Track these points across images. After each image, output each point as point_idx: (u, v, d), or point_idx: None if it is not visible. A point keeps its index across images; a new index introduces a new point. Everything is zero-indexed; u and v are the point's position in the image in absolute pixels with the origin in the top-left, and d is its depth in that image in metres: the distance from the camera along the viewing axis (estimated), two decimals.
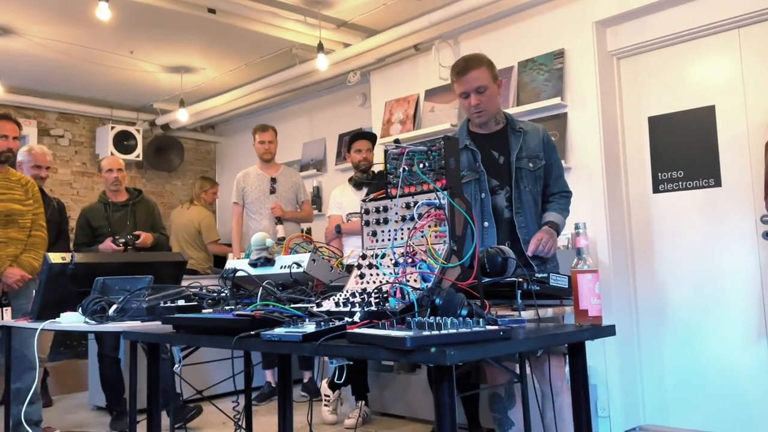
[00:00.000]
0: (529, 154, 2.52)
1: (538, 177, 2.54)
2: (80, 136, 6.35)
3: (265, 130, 4.66)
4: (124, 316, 2.14)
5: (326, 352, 1.34)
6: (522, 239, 2.46)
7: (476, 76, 2.44)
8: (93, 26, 4.37)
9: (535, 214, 2.51)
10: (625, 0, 3.58)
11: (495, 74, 2.51)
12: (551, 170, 2.58)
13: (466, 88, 2.47)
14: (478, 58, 2.50)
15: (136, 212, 4.26)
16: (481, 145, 2.56)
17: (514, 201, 2.49)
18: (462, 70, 2.47)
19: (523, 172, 2.51)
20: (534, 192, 2.52)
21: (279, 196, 4.60)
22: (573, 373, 1.56)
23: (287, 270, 2.10)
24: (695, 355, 3.45)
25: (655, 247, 3.63)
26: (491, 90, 2.47)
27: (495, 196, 2.52)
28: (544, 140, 2.56)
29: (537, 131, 2.58)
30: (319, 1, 4.19)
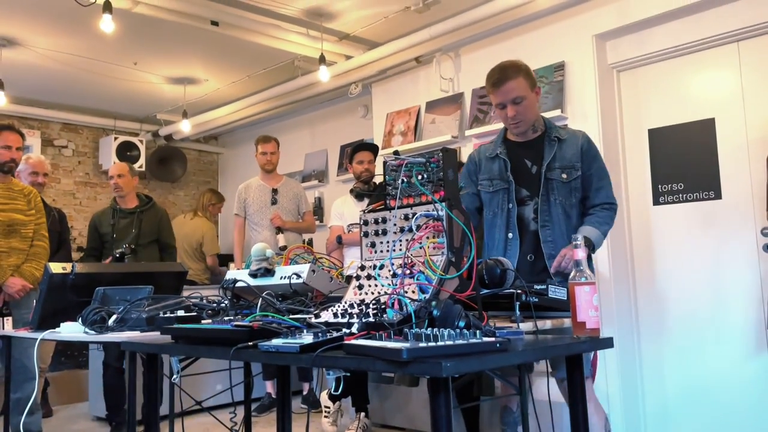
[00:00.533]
0: (563, 165, 2.37)
1: (574, 189, 2.38)
2: (83, 146, 6.38)
3: (267, 141, 4.68)
4: (124, 326, 2.15)
5: (323, 364, 1.34)
6: (547, 254, 2.32)
7: (512, 87, 2.32)
8: (97, 38, 4.41)
9: (566, 227, 2.35)
10: (624, 13, 3.60)
11: (533, 82, 2.38)
12: (591, 181, 2.39)
13: (501, 99, 2.35)
14: (514, 67, 2.36)
15: (142, 220, 4.23)
16: (515, 154, 2.45)
17: (541, 213, 2.36)
18: (497, 81, 2.34)
19: (555, 183, 2.36)
20: (567, 204, 2.37)
21: (280, 206, 4.61)
22: (571, 386, 1.56)
23: (287, 281, 2.11)
24: (696, 367, 3.43)
25: (655, 259, 3.63)
26: (529, 100, 2.35)
27: (523, 207, 2.40)
28: (582, 149, 2.39)
29: (575, 139, 2.42)
30: (321, 14, 4.23)
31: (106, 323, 2.16)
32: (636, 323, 3.66)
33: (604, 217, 2.38)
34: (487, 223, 2.50)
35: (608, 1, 3.66)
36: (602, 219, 2.37)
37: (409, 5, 4.09)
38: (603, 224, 2.36)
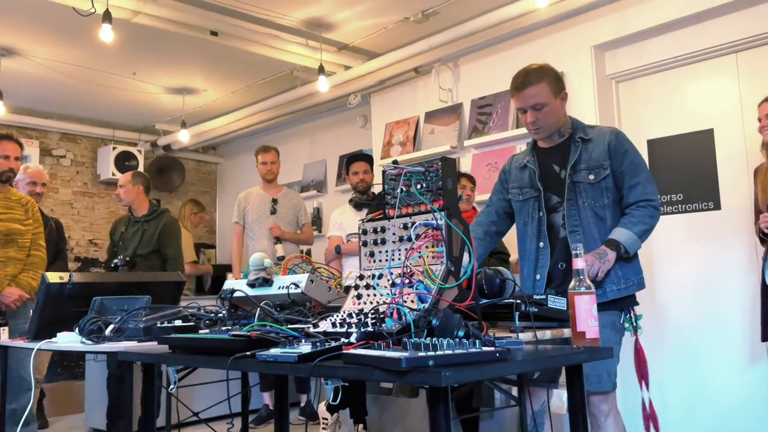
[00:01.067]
0: (589, 165, 2.26)
1: (605, 189, 2.25)
2: (82, 156, 6.38)
3: (267, 151, 4.68)
4: (121, 336, 2.13)
5: (321, 373, 1.33)
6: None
7: (534, 93, 2.24)
8: (96, 48, 4.42)
9: (598, 231, 2.23)
10: (623, 24, 3.62)
11: (558, 88, 2.29)
12: (623, 178, 2.24)
13: (522, 104, 2.29)
14: (539, 72, 2.27)
15: (145, 230, 4.20)
16: (544, 161, 2.38)
17: (569, 218, 2.26)
18: (520, 85, 2.28)
19: (582, 186, 2.26)
20: (597, 207, 2.24)
21: (279, 217, 4.60)
22: (571, 396, 1.54)
23: (285, 291, 2.10)
24: (694, 377, 3.42)
25: (654, 269, 3.62)
26: (551, 106, 2.27)
27: (554, 214, 2.32)
28: (610, 146, 2.26)
29: (603, 137, 2.30)
30: (320, 24, 4.24)
31: (103, 333, 2.15)
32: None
33: (640, 216, 2.21)
34: (519, 233, 2.43)
35: (607, 12, 3.68)
36: (637, 218, 2.21)
37: (408, 16, 4.11)
38: (637, 224, 2.19)
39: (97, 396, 4.07)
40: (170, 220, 4.31)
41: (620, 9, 3.62)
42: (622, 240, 2.17)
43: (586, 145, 2.29)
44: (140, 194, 4.30)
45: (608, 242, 2.18)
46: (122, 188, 4.27)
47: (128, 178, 4.33)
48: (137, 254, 4.14)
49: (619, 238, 2.17)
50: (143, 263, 4.14)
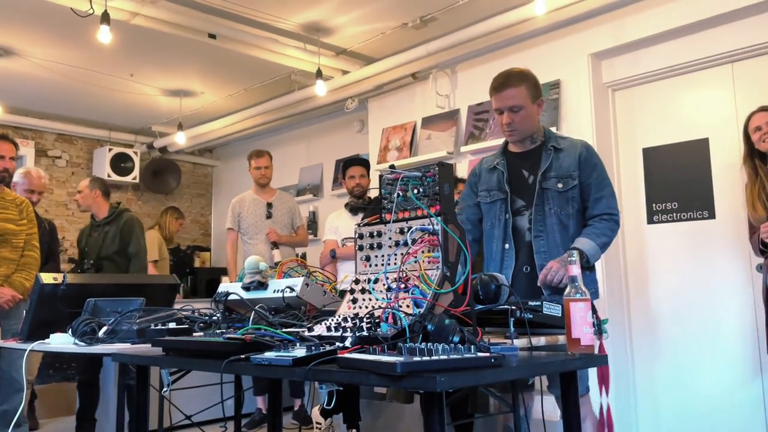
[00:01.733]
0: (559, 174, 2.34)
1: (571, 198, 2.33)
2: (77, 157, 6.36)
3: (261, 155, 4.67)
4: (114, 338, 2.12)
5: (316, 377, 1.32)
6: (539, 265, 2.29)
7: (512, 94, 2.31)
8: (94, 49, 4.41)
9: (561, 238, 2.31)
10: (620, 33, 3.64)
11: (536, 93, 2.36)
12: (590, 190, 2.34)
13: (499, 105, 2.35)
14: (519, 75, 2.34)
15: (107, 232, 4.21)
16: (513, 164, 2.44)
17: (535, 223, 2.33)
18: (499, 86, 2.34)
19: (550, 193, 2.33)
20: (563, 215, 2.33)
21: (275, 220, 4.59)
22: (565, 403, 1.54)
23: (280, 294, 2.09)
24: (689, 387, 3.42)
25: (649, 278, 3.63)
26: (527, 110, 2.33)
27: (519, 217, 2.38)
28: (581, 158, 2.35)
29: (574, 148, 2.38)
30: (318, 28, 4.25)
31: (97, 335, 2.14)
32: (629, 342, 3.65)
33: (603, 228, 2.30)
34: (486, 235, 2.49)
35: (604, 20, 3.70)
36: (600, 230, 2.29)
37: (406, 22, 4.12)
38: (600, 236, 2.28)
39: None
40: (129, 218, 4.34)
41: (617, 18, 3.64)
42: (585, 249, 2.23)
43: (558, 155, 2.37)
44: (98, 198, 4.31)
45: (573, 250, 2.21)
46: (80, 194, 4.31)
47: (86, 183, 4.35)
48: (101, 257, 4.15)
49: (584, 248, 2.24)
50: (109, 265, 4.15)
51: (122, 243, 4.20)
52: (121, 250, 4.20)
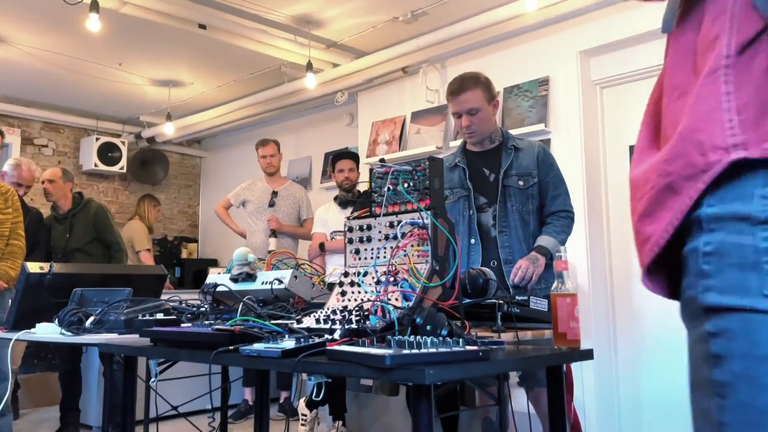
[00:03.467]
0: (520, 172, 2.48)
1: (531, 195, 2.48)
2: (64, 146, 6.30)
3: (266, 144, 4.69)
4: (102, 328, 2.12)
5: (305, 369, 1.33)
6: (503, 259, 2.43)
7: (469, 98, 2.44)
8: (82, 37, 4.37)
9: (523, 233, 2.46)
10: (609, 31, 3.66)
11: (491, 95, 2.48)
12: (547, 188, 2.50)
13: (458, 108, 2.47)
14: (473, 79, 2.46)
15: (73, 225, 4.16)
16: (474, 163, 2.56)
17: (499, 219, 2.46)
18: (456, 90, 2.46)
19: (511, 190, 2.47)
20: (524, 211, 2.47)
21: (278, 209, 4.60)
22: (550, 396, 1.57)
23: (268, 286, 2.10)
24: (671, 380, 3.47)
25: (634, 273, 3.67)
26: (484, 112, 2.46)
27: (482, 214, 2.51)
28: (539, 158, 2.50)
29: (532, 148, 2.53)
30: (309, 21, 4.24)
31: (83, 325, 2.13)
32: (614, 336, 3.69)
33: (561, 225, 2.47)
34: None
35: (593, 18, 3.72)
36: (559, 228, 2.46)
37: (397, 16, 4.12)
38: (560, 233, 2.45)
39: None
40: (99, 207, 4.33)
41: (607, 16, 3.66)
42: (549, 246, 2.39)
43: (518, 154, 2.50)
44: (68, 192, 4.30)
45: (538, 248, 2.40)
46: (52, 183, 4.21)
47: (59, 173, 4.29)
48: (71, 249, 4.11)
49: (547, 245, 2.40)
50: (83, 256, 4.12)
51: (97, 232, 4.18)
52: (95, 239, 4.17)
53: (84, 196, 4.40)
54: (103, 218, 4.25)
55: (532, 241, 2.45)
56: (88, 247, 4.16)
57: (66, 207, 4.24)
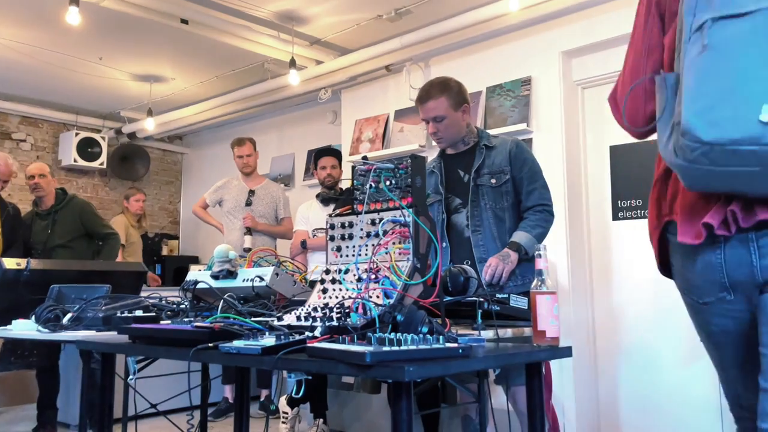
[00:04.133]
0: (492, 170, 2.49)
1: (504, 193, 2.48)
2: (43, 141, 6.21)
3: (242, 143, 4.64)
4: (79, 325, 2.10)
5: (285, 366, 1.33)
6: (477, 258, 2.45)
7: (433, 106, 2.46)
8: (62, 30, 4.31)
9: (498, 231, 2.46)
10: (590, 32, 3.69)
11: (458, 101, 2.47)
12: (522, 184, 2.48)
13: (424, 116, 2.51)
14: (440, 87, 2.47)
15: (56, 221, 4.11)
16: (449, 166, 2.59)
17: (472, 219, 2.48)
18: (422, 97, 2.48)
19: (484, 189, 2.49)
20: (497, 209, 2.47)
21: (254, 209, 4.57)
22: (529, 394, 1.58)
23: (249, 283, 2.09)
24: (650, 378, 3.51)
25: (613, 272, 3.71)
26: (450, 119, 2.47)
27: (457, 215, 2.54)
28: (511, 154, 2.49)
29: (505, 145, 2.53)
30: (292, 17, 4.22)
31: (61, 321, 2.11)
32: (593, 334, 3.73)
33: (537, 220, 2.44)
34: None
35: (575, 19, 3.74)
36: (535, 222, 2.43)
37: (381, 14, 4.12)
38: (535, 227, 2.42)
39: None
40: (84, 202, 4.33)
41: (589, 17, 3.69)
42: (522, 242, 2.38)
43: (490, 152, 2.52)
44: (54, 186, 4.28)
45: (510, 244, 2.39)
46: (43, 178, 4.17)
47: (47, 168, 4.26)
48: (52, 246, 4.07)
49: (520, 240, 2.38)
50: (65, 252, 4.07)
51: (84, 228, 4.15)
52: (81, 235, 4.14)
53: (67, 192, 4.35)
54: (90, 213, 4.25)
55: (508, 237, 2.45)
56: (72, 243, 4.12)
57: (49, 203, 4.19)
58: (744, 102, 1.02)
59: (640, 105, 1.40)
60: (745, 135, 1.02)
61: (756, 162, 1.04)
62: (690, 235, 1.24)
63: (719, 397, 3.28)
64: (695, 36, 1.08)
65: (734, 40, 1.04)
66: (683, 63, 1.10)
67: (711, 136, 1.04)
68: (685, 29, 1.11)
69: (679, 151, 1.10)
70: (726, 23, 1.05)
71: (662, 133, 1.17)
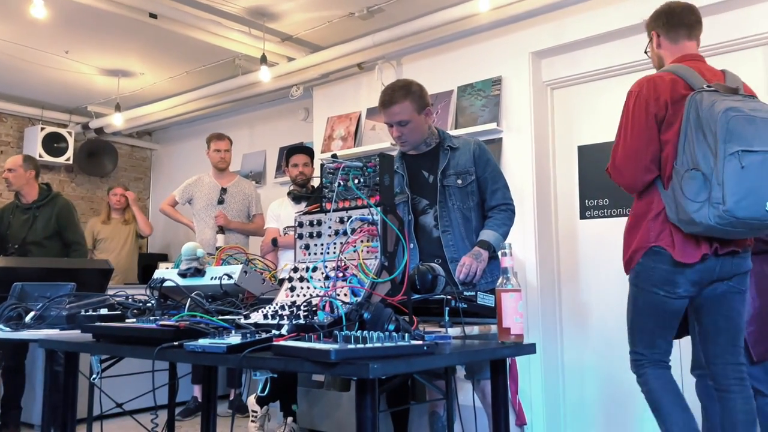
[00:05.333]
0: (457, 171, 2.53)
1: (470, 193, 2.53)
2: (7, 135, 6.07)
3: (221, 138, 4.61)
4: (42, 323, 2.06)
5: (251, 364, 1.33)
6: (449, 257, 2.48)
7: (397, 110, 2.47)
8: (27, 23, 4.21)
9: (466, 231, 2.51)
10: (560, 33, 3.74)
11: (421, 104, 2.49)
12: (486, 184, 2.55)
13: (388, 120, 2.52)
14: (403, 91, 2.48)
15: (37, 216, 4.04)
16: (412, 167, 2.60)
17: (441, 219, 2.51)
18: (386, 102, 2.48)
19: (451, 190, 2.52)
20: (464, 208, 2.52)
21: (227, 207, 4.53)
22: (494, 389, 1.60)
23: (217, 281, 2.07)
24: (614, 374, 3.58)
25: (580, 270, 3.77)
26: (414, 122, 2.49)
27: (424, 216, 2.55)
28: (475, 155, 2.55)
29: (468, 146, 2.57)
30: (264, 13, 4.19)
31: (23, 320, 2.07)
32: (560, 331, 3.78)
33: (502, 218, 2.53)
34: None
35: (545, 20, 3.79)
36: (500, 221, 2.52)
37: (353, 11, 4.12)
38: (501, 226, 2.51)
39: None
40: (65, 203, 4.24)
41: (558, 18, 3.74)
42: (491, 240, 2.45)
43: (454, 153, 2.56)
44: (31, 179, 4.17)
45: (480, 243, 2.45)
46: (12, 172, 4.09)
47: (19, 161, 4.16)
48: (29, 242, 4.00)
49: (489, 239, 2.45)
50: (38, 250, 4.01)
51: (57, 227, 4.08)
52: (54, 234, 4.07)
53: (52, 189, 4.27)
54: (68, 215, 4.15)
55: (475, 236, 2.50)
56: (46, 241, 4.04)
57: (31, 197, 4.11)
58: (758, 198, 1.88)
59: (639, 177, 2.18)
60: (756, 216, 1.89)
61: (750, 229, 1.96)
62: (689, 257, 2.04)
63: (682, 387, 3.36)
64: (731, 157, 1.88)
65: (754, 164, 1.88)
66: (725, 170, 1.88)
67: (741, 214, 1.88)
68: (719, 151, 1.89)
69: (715, 218, 1.90)
70: (750, 154, 1.88)
71: (692, 202, 1.95)
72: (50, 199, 4.14)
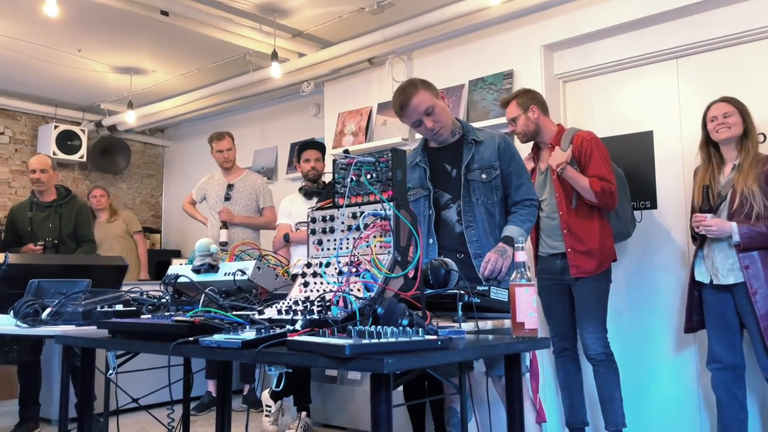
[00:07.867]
0: (482, 165, 2.47)
1: (495, 188, 2.48)
2: (21, 134, 6.13)
3: (221, 138, 4.60)
4: (59, 320, 2.08)
5: (265, 360, 1.33)
6: (473, 253, 2.43)
7: (418, 101, 2.41)
8: (40, 22, 4.24)
9: (489, 226, 2.46)
10: (572, 26, 3.71)
11: (434, 91, 2.48)
12: (510, 179, 2.49)
13: (414, 116, 2.44)
14: (412, 85, 2.45)
15: (61, 214, 4.14)
16: (435, 160, 2.54)
17: (465, 214, 2.45)
18: (404, 101, 2.42)
19: (475, 184, 2.46)
20: (489, 204, 2.46)
21: (233, 202, 4.55)
22: (508, 384, 1.60)
23: (231, 277, 2.08)
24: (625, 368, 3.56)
25: None
26: (438, 106, 2.45)
27: (447, 211, 2.51)
28: (500, 149, 2.48)
29: (493, 140, 2.51)
30: (274, 9, 4.19)
31: (40, 316, 2.09)
32: None
33: (526, 214, 2.48)
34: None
35: (557, 13, 3.76)
36: (524, 217, 2.47)
37: (363, 6, 4.11)
38: (525, 222, 2.46)
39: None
40: (84, 203, 4.40)
41: (570, 11, 3.71)
42: (515, 236, 2.39)
43: (478, 147, 2.49)
44: (55, 180, 4.29)
45: (505, 239, 2.39)
46: (45, 173, 4.17)
47: (48, 162, 4.24)
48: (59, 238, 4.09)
49: (514, 235, 2.39)
50: (65, 247, 4.11)
51: (76, 226, 4.19)
52: (71, 233, 4.16)
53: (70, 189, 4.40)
54: (86, 215, 4.31)
55: (498, 232, 2.45)
56: (67, 238, 4.16)
57: (50, 196, 4.20)
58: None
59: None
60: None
61: None
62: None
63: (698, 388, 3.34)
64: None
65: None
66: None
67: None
68: None
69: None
70: None
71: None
72: (71, 198, 4.26)
